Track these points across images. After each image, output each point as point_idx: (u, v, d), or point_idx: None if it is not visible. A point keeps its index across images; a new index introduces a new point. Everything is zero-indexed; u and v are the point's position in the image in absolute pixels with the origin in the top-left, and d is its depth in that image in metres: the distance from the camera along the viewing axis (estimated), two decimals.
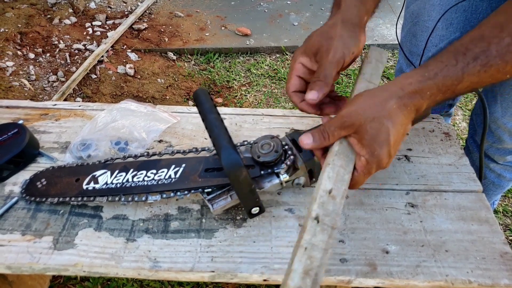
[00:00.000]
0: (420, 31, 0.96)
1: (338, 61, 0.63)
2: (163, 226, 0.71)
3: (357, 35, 0.66)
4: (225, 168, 0.58)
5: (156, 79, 2.26)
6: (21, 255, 0.66)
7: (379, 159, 0.57)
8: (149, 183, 0.70)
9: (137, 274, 0.65)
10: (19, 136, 0.81)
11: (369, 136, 0.56)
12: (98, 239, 0.69)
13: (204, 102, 0.64)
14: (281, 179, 0.68)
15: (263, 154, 0.68)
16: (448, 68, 0.55)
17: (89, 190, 0.71)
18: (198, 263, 0.65)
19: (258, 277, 0.64)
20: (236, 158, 0.58)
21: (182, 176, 0.70)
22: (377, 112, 0.55)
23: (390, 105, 0.55)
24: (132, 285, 1.41)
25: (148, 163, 0.73)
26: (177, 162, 0.72)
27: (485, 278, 0.63)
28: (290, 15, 2.91)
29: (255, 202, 0.65)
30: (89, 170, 0.74)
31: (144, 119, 0.87)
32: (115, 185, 0.71)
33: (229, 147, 0.58)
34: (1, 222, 0.71)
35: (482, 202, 0.74)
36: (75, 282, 1.42)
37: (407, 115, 0.57)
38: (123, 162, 0.75)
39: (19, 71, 2.16)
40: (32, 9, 2.59)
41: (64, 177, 0.75)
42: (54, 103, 0.96)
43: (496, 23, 0.54)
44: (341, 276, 0.64)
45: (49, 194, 0.73)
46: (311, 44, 0.66)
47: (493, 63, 0.53)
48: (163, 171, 0.71)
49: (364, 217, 0.72)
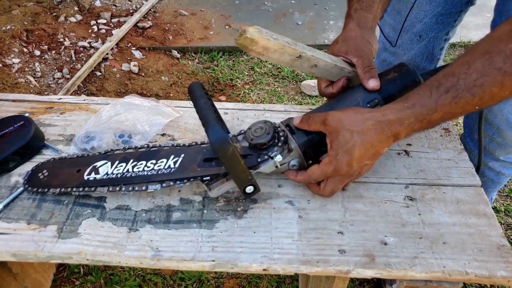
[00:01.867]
0: (405, 7, 0.99)
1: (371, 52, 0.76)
2: (165, 217, 0.72)
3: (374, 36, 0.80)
4: (212, 144, 0.61)
5: (160, 77, 2.28)
6: (26, 243, 0.68)
7: (338, 164, 0.65)
8: (149, 173, 0.71)
9: (139, 263, 0.67)
10: (25, 128, 0.82)
11: (339, 142, 0.65)
12: (101, 229, 0.70)
13: (196, 90, 0.68)
14: (275, 160, 0.70)
15: (255, 137, 0.70)
16: (424, 99, 0.62)
17: (90, 180, 0.73)
18: (199, 253, 0.66)
19: (257, 267, 0.65)
20: (223, 134, 0.60)
21: (181, 166, 0.71)
22: (354, 126, 0.64)
23: (366, 125, 0.64)
24: (134, 279, 1.43)
25: (147, 154, 0.75)
26: (176, 152, 0.74)
27: (482, 269, 0.64)
28: (294, 14, 2.93)
29: (248, 179, 0.67)
30: (89, 161, 0.76)
31: (147, 113, 0.88)
32: (116, 175, 0.72)
33: (215, 125, 0.60)
34: (7, 211, 0.73)
35: (480, 196, 0.75)
36: (78, 276, 1.44)
37: (381, 138, 0.64)
38: (123, 153, 0.76)
39: (25, 68, 2.19)
40: (38, 7, 2.62)
41: (65, 168, 0.77)
42: (59, 97, 0.97)
43: (464, 61, 0.61)
44: (340, 266, 0.64)
45: (51, 185, 0.75)
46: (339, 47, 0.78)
47: (461, 96, 0.60)
48: (162, 161, 0.72)
49: (363, 210, 0.73)
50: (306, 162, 0.72)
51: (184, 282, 1.42)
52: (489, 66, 0.58)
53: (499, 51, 0.57)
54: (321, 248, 0.67)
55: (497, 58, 0.57)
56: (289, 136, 0.71)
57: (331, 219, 0.71)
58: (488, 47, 0.59)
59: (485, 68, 0.58)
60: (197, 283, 1.42)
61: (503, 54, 0.57)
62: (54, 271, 1.43)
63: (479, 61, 0.59)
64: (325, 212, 0.73)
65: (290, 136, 0.71)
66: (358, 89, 0.74)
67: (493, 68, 0.58)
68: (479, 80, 0.59)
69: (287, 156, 0.71)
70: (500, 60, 0.57)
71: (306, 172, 0.71)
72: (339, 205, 0.74)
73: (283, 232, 0.69)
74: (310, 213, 0.72)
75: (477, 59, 0.59)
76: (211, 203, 0.74)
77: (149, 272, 1.45)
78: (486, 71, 0.58)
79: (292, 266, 0.65)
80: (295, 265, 0.65)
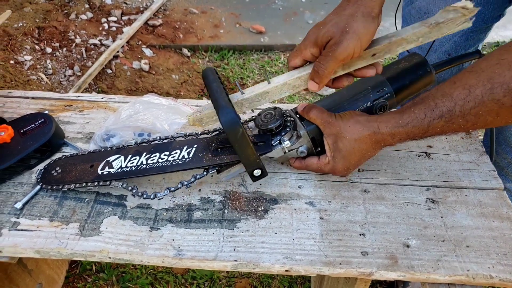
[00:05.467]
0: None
1: (344, 58, 0.64)
2: (186, 216, 0.72)
3: (374, 30, 0.65)
4: (223, 126, 0.62)
5: (170, 75, 2.28)
6: (49, 240, 0.68)
7: (336, 165, 0.71)
8: (163, 164, 0.72)
9: (161, 262, 0.67)
10: (46, 126, 0.83)
11: (338, 145, 0.69)
12: (123, 227, 0.70)
13: (209, 75, 0.70)
14: (283, 146, 0.72)
15: (265, 122, 0.72)
16: (418, 120, 0.65)
17: (104, 174, 0.73)
18: (221, 252, 0.66)
19: (280, 268, 0.65)
20: (233, 116, 0.61)
21: (195, 156, 0.72)
22: (352, 134, 0.68)
23: (364, 134, 0.68)
24: (146, 277, 1.43)
25: (160, 146, 0.75)
26: (190, 143, 0.75)
27: (506, 273, 0.63)
28: (304, 13, 2.92)
29: (256, 162, 0.68)
30: (102, 156, 0.76)
31: (166, 111, 0.88)
32: (130, 168, 0.73)
33: (226, 106, 0.62)
34: (30, 208, 0.73)
35: (503, 200, 0.74)
36: (91, 273, 1.45)
37: (374, 146, 0.69)
38: (136, 147, 0.76)
39: (36, 65, 2.20)
40: (49, 4, 2.63)
41: (78, 164, 0.77)
42: (77, 95, 0.98)
43: (466, 85, 0.60)
44: (363, 268, 0.64)
45: (65, 181, 0.75)
46: (322, 34, 0.65)
47: (455, 121, 0.62)
48: (176, 153, 0.73)
49: (385, 212, 0.73)
50: (315, 149, 0.74)
51: (196, 281, 1.42)
52: (488, 96, 0.57)
53: (502, 83, 0.56)
54: (343, 249, 0.67)
55: (498, 90, 0.56)
56: (298, 123, 0.73)
57: (352, 221, 0.71)
58: (493, 74, 0.58)
59: (484, 98, 0.58)
60: (208, 282, 1.42)
61: (506, 87, 0.56)
62: (66, 268, 1.44)
63: (480, 90, 0.58)
64: (347, 214, 0.72)
65: (299, 123, 0.73)
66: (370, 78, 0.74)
67: (492, 99, 0.57)
68: (475, 109, 0.59)
69: (296, 142, 0.73)
70: (501, 92, 0.56)
71: (305, 162, 0.75)
72: (360, 206, 0.73)
73: (305, 233, 0.69)
74: (331, 214, 0.72)
75: (479, 86, 0.58)
76: (232, 202, 0.74)
77: (161, 270, 1.45)
78: (484, 102, 0.58)
79: (314, 268, 0.65)
80: (318, 267, 0.65)
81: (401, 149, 0.85)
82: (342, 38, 0.62)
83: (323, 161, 0.72)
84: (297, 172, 0.80)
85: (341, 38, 0.62)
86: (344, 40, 0.62)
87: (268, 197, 0.75)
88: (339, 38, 0.62)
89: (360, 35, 0.62)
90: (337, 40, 0.63)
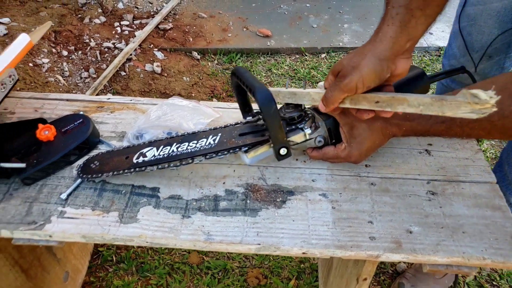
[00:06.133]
0: (476, 33, 1.08)
1: (348, 90, 0.69)
2: (213, 205, 0.81)
3: (380, 70, 0.68)
4: (259, 102, 0.71)
5: (182, 77, 2.37)
6: (93, 227, 0.77)
7: (351, 150, 0.81)
8: (192, 150, 0.81)
9: (193, 246, 0.76)
10: (84, 125, 0.92)
11: (353, 133, 0.80)
12: (157, 215, 0.79)
13: (240, 68, 0.81)
14: (305, 132, 0.83)
15: (288, 112, 0.83)
16: (423, 120, 0.77)
17: (139, 162, 0.82)
18: (245, 237, 0.75)
19: (298, 250, 0.74)
20: (268, 93, 0.71)
21: (220, 142, 0.82)
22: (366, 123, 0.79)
23: (376, 123, 0.80)
24: (163, 267, 1.52)
25: (188, 137, 0.85)
26: (214, 132, 0.85)
27: (497, 256, 0.72)
28: (309, 18, 3.01)
29: (284, 140, 0.77)
30: (136, 149, 0.85)
31: (191, 112, 0.97)
32: (162, 156, 0.82)
33: (262, 86, 0.72)
34: (73, 199, 0.82)
35: (496, 192, 0.83)
36: (112, 264, 1.54)
37: (384, 135, 0.81)
38: (166, 140, 0.86)
39: (54, 68, 2.29)
40: (64, 9, 2.73)
41: (115, 157, 0.85)
42: (108, 97, 1.07)
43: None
44: (371, 251, 0.73)
45: (103, 171, 0.83)
46: (337, 65, 0.73)
47: (453, 129, 0.74)
48: (202, 141, 0.83)
49: (390, 202, 0.81)
50: (330, 140, 0.84)
51: (210, 270, 1.51)
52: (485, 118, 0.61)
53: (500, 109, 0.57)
54: (354, 235, 0.76)
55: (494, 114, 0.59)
56: (316, 115, 0.84)
57: (361, 210, 0.80)
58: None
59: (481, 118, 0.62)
60: (222, 271, 1.51)
61: (501, 113, 0.62)
62: (89, 259, 1.53)
63: None
64: (356, 204, 0.81)
65: (317, 115, 0.84)
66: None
67: (487, 119, 0.63)
68: (472, 124, 0.70)
69: (314, 132, 0.83)
70: (496, 116, 0.63)
71: (322, 150, 0.85)
72: (368, 198, 0.82)
73: (319, 221, 0.78)
74: (342, 204, 0.81)
75: None
76: (253, 194, 0.83)
77: (177, 261, 1.54)
78: (480, 120, 0.64)
79: (328, 250, 0.74)
80: (331, 249, 0.74)
81: (404, 147, 0.94)
82: (349, 72, 0.69)
83: (339, 147, 0.82)
84: (311, 167, 0.89)
85: (349, 72, 0.69)
86: (350, 75, 0.68)
87: (285, 189, 0.84)
88: (347, 71, 0.69)
89: (364, 73, 0.67)
90: (345, 72, 0.70)
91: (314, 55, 2.68)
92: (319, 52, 2.70)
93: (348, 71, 0.69)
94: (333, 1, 3.22)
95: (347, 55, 0.72)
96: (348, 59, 0.71)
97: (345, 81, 0.69)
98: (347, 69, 0.69)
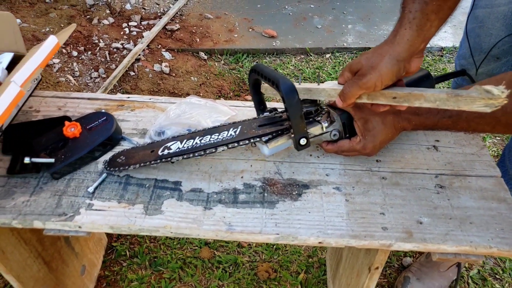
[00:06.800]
0: (484, 34, 1.13)
1: (367, 88, 0.74)
2: (233, 198, 0.85)
3: (397, 71, 0.73)
4: (283, 93, 0.75)
5: (189, 77, 2.42)
6: (120, 218, 0.81)
7: (366, 142, 0.86)
8: (215, 141, 0.86)
9: (215, 235, 0.80)
10: (108, 123, 0.96)
11: (368, 126, 0.85)
12: (181, 207, 0.84)
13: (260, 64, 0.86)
14: (322, 125, 0.88)
15: (305, 106, 0.88)
16: (431, 114, 0.82)
17: (164, 154, 0.86)
18: (264, 227, 0.80)
19: (314, 240, 0.79)
20: (292, 84, 0.76)
21: (241, 132, 0.87)
22: (379, 116, 0.85)
23: (388, 117, 0.86)
24: (176, 262, 1.57)
25: (210, 130, 0.90)
26: (234, 125, 0.90)
27: (503, 245, 0.76)
28: (313, 18, 3.05)
29: (304, 131, 0.81)
30: (160, 144, 0.89)
31: (208, 110, 1.02)
32: (187, 148, 0.86)
33: (285, 78, 0.77)
34: (100, 192, 0.86)
35: (501, 185, 0.88)
36: (125, 258, 1.58)
37: (395, 128, 0.87)
38: (189, 134, 0.90)
39: (64, 68, 2.34)
40: (72, 10, 2.77)
41: (140, 151, 0.90)
42: (128, 96, 1.11)
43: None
44: (383, 240, 0.77)
45: (130, 164, 0.88)
46: (356, 63, 0.76)
47: (459, 123, 0.79)
48: (224, 133, 0.88)
49: (400, 195, 0.86)
50: (344, 134, 0.89)
51: (222, 264, 1.55)
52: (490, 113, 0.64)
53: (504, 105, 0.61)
54: (367, 225, 0.80)
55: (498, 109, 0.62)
56: (331, 110, 0.89)
57: (373, 203, 0.84)
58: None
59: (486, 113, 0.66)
60: (233, 266, 1.55)
61: (504, 109, 0.64)
62: (103, 253, 1.58)
63: None
64: (368, 197, 0.86)
65: (332, 110, 0.89)
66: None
67: (492, 116, 0.69)
68: (477, 119, 0.75)
69: (330, 125, 0.89)
70: (500, 112, 0.66)
71: (337, 144, 0.90)
72: (379, 191, 0.87)
73: (334, 212, 0.83)
74: (355, 197, 0.86)
75: None
76: (270, 187, 0.88)
77: (189, 255, 1.59)
78: (485, 116, 0.70)
79: (343, 240, 0.78)
80: (346, 239, 0.78)
81: (412, 143, 0.98)
82: (368, 71, 0.73)
83: (354, 140, 0.87)
84: (324, 162, 0.93)
85: (367, 71, 0.73)
86: (368, 74, 0.73)
87: (301, 183, 0.89)
88: (366, 70, 0.73)
89: (382, 73, 0.72)
90: (364, 71, 0.74)
91: (319, 55, 2.72)
92: (323, 52, 2.75)
93: (367, 70, 0.74)
94: (337, 2, 3.27)
95: (365, 54, 0.76)
96: (366, 58, 0.75)
97: (364, 80, 0.74)
98: (366, 68, 0.74)
